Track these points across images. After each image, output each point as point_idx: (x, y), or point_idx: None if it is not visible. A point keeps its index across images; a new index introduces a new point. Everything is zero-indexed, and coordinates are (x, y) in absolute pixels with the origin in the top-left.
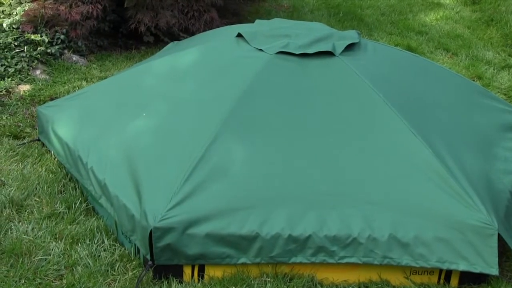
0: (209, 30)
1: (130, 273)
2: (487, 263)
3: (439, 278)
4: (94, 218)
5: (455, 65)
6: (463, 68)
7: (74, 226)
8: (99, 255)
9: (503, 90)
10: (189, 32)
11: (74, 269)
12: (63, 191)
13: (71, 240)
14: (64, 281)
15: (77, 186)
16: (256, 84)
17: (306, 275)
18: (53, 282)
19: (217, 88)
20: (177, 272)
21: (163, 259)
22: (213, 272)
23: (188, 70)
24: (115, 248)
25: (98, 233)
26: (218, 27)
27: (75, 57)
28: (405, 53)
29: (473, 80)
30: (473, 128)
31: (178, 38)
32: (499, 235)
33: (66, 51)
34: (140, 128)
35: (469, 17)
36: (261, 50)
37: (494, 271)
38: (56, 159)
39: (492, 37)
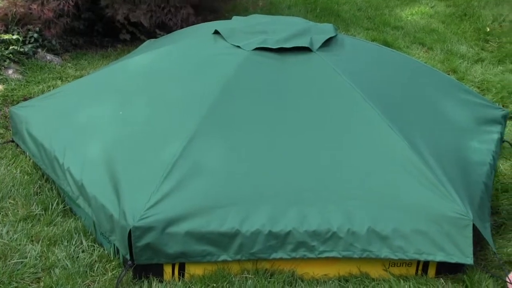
0: (186, 26)
1: (109, 274)
2: (463, 253)
3: (417, 270)
4: (71, 219)
5: (430, 59)
6: (439, 62)
7: (51, 227)
8: (78, 257)
9: (477, 83)
10: (166, 28)
11: (51, 271)
12: (39, 192)
13: (48, 242)
14: (42, 283)
15: (53, 187)
16: (234, 81)
17: (287, 271)
18: (30, 285)
19: (195, 86)
20: (158, 271)
21: (143, 258)
22: (194, 270)
23: (166, 68)
24: (94, 249)
25: (76, 234)
26: (195, 23)
27: (49, 56)
28: (381, 48)
29: (448, 74)
30: (449, 121)
31: (154, 36)
32: (473, 225)
33: (39, 50)
34: (117, 127)
35: (444, 12)
36: (238, 47)
37: (469, 260)
38: (32, 160)
39: (465, 31)
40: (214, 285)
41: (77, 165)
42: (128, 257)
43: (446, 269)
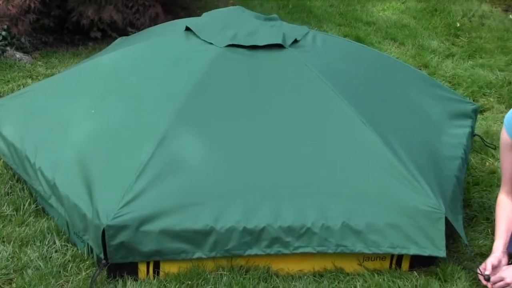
0: (154, 25)
1: (83, 273)
2: (436, 246)
3: (390, 263)
4: (44, 219)
5: (402, 55)
6: (410, 57)
7: (23, 228)
8: (51, 257)
9: (448, 78)
10: (135, 27)
11: (24, 272)
12: (10, 192)
13: (20, 243)
14: (14, 285)
15: (25, 187)
16: (207, 78)
17: (262, 267)
18: (1, 287)
19: (168, 83)
20: (132, 270)
21: (117, 257)
22: (169, 268)
23: (138, 65)
24: (67, 249)
25: (49, 234)
26: (164, 22)
27: (18, 54)
28: (354, 44)
29: (420, 69)
30: (420, 116)
31: (126, 33)
32: (446, 218)
33: (8, 48)
34: (89, 126)
35: (415, 7)
36: (210, 43)
37: (442, 253)
38: (2, 160)
39: (436, 26)
40: (189, 282)
41: (49, 165)
42: (102, 256)
43: (420, 262)
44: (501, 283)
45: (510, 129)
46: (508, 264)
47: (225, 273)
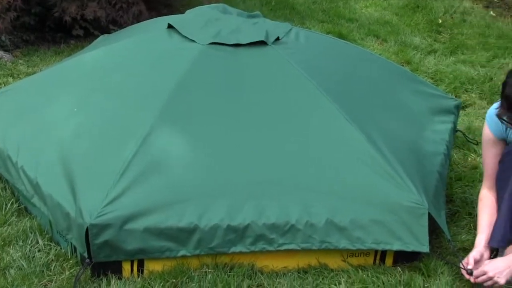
0: (137, 22)
1: (67, 273)
2: (419, 242)
3: (374, 259)
4: (27, 218)
5: (385, 51)
6: (393, 53)
7: (5, 227)
8: (34, 256)
9: (430, 74)
10: (117, 25)
11: (6, 272)
12: None
13: (2, 243)
14: None
15: (7, 187)
16: (190, 75)
17: (246, 264)
18: None
19: (151, 81)
20: (116, 269)
21: (101, 256)
22: (153, 266)
23: (120, 63)
24: (51, 248)
25: (31, 233)
26: (147, 19)
27: None
28: (337, 40)
29: (402, 65)
30: (403, 112)
31: (108, 31)
32: (429, 214)
33: None
34: (72, 124)
35: (397, 4)
36: (193, 41)
37: (425, 248)
38: None
39: (418, 23)
40: (174, 280)
41: (32, 164)
42: (85, 255)
43: (403, 257)
44: (483, 277)
45: (492, 125)
46: (490, 258)
47: (209, 270)
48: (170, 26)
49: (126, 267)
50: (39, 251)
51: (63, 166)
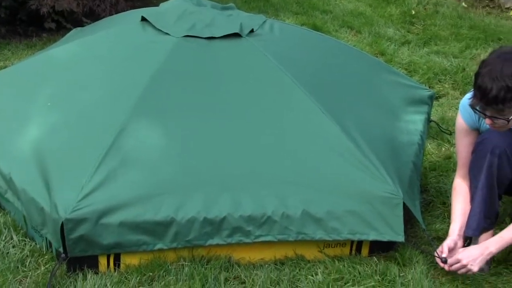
0: (115, 12)
1: (42, 268)
2: (394, 231)
3: (351, 249)
4: (0, 214)
5: (359, 43)
6: (367, 45)
7: None
8: (8, 252)
9: (404, 65)
10: (93, 16)
11: None
12: None
13: None
14: None
15: None
16: (164, 68)
17: (223, 256)
18: None
19: (124, 74)
20: (92, 263)
21: (77, 250)
22: (130, 260)
23: (94, 56)
24: (25, 244)
25: (5, 229)
26: (124, 10)
27: None
28: (311, 32)
29: (377, 56)
30: (378, 103)
31: (81, 24)
32: (404, 204)
33: None
34: (45, 119)
35: None
36: (167, 33)
37: (400, 238)
38: None
39: (392, 14)
40: (151, 274)
41: (5, 159)
42: (61, 250)
43: (379, 247)
44: (457, 265)
45: (465, 115)
46: (464, 246)
47: (186, 263)
48: (143, 19)
49: (103, 261)
50: (13, 247)
51: (37, 161)
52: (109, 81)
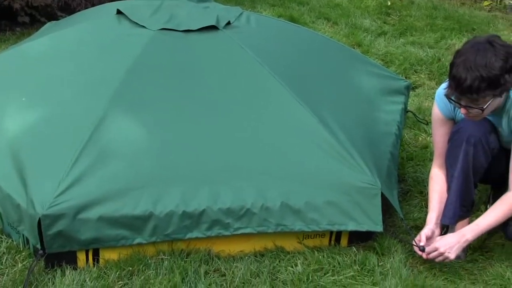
0: (90, 6)
1: (19, 265)
2: (373, 221)
3: (330, 240)
4: None
5: (336, 34)
6: (344, 36)
7: None
8: None
9: (381, 56)
10: (69, 9)
11: None
12: None
13: None
14: None
15: None
16: (141, 61)
17: (203, 250)
18: None
19: (101, 68)
20: (71, 259)
21: (55, 247)
22: (109, 255)
23: (69, 50)
24: (1, 241)
25: None
26: (100, 3)
27: None
28: (288, 24)
29: (353, 48)
30: (356, 94)
31: (56, 18)
32: (382, 194)
33: None
34: (21, 114)
35: None
36: (143, 26)
37: (379, 228)
38: None
39: (368, 5)
40: (130, 268)
41: None
42: (38, 246)
43: (358, 237)
44: (435, 253)
45: (441, 104)
46: (441, 234)
47: (166, 257)
48: (119, 12)
49: (81, 257)
50: None
51: (13, 156)
52: (85, 75)
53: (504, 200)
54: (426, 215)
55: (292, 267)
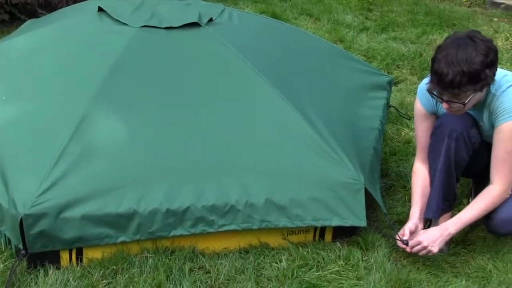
0: (72, 3)
1: (1, 266)
2: (357, 216)
3: (314, 236)
4: None
5: (318, 30)
6: (326, 32)
7: None
8: None
9: (363, 51)
10: (48, 7)
11: None
12: None
13: None
14: None
15: None
16: (123, 59)
17: (187, 247)
18: None
19: (83, 66)
20: (54, 259)
21: (38, 246)
22: (92, 254)
23: (50, 48)
24: None
25: None
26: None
27: None
28: (270, 20)
29: (336, 44)
30: (338, 89)
31: (36, 15)
32: (365, 189)
33: None
34: (2, 113)
35: None
36: (125, 24)
37: (363, 223)
38: None
39: (350, 1)
40: (114, 267)
41: None
42: (21, 246)
43: (342, 232)
44: (418, 247)
45: (423, 99)
46: (424, 228)
47: (150, 255)
48: (100, 10)
49: (64, 256)
50: None
51: None
52: (67, 73)
53: (485, 193)
54: (409, 209)
55: (276, 263)
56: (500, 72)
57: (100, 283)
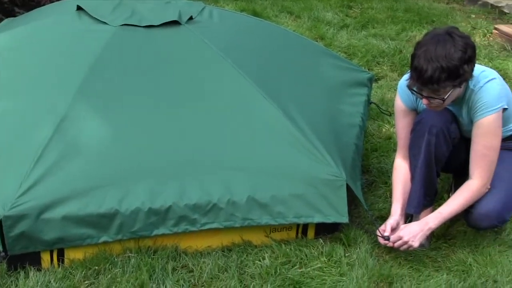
0: (49, 1)
1: None
2: (339, 213)
3: (297, 233)
4: None
5: (299, 27)
6: (306, 29)
7: None
8: None
9: (343, 48)
10: (26, 6)
11: None
12: None
13: None
14: None
15: None
16: (103, 57)
17: (170, 246)
18: None
19: (62, 65)
20: (35, 260)
21: (18, 248)
22: (74, 255)
23: (29, 47)
24: None
25: None
26: None
27: None
28: (251, 18)
29: (316, 41)
30: (319, 87)
31: (13, 14)
32: (347, 185)
33: None
34: None
35: None
36: (104, 23)
37: (345, 219)
38: None
39: None
40: (96, 267)
41: None
42: (0, 248)
43: (324, 229)
44: (399, 242)
45: (404, 96)
46: (406, 223)
47: (133, 255)
48: (79, 9)
49: (45, 257)
50: None
51: None
52: (46, 72)
53: (465, 188)
54: (390, 205)
55: (259, 260)
56: (478, 68)
57: (82, 284)
